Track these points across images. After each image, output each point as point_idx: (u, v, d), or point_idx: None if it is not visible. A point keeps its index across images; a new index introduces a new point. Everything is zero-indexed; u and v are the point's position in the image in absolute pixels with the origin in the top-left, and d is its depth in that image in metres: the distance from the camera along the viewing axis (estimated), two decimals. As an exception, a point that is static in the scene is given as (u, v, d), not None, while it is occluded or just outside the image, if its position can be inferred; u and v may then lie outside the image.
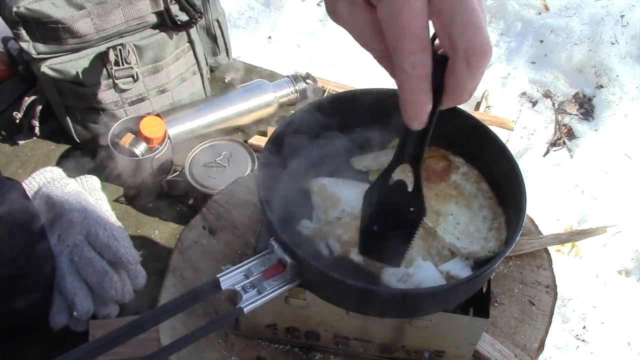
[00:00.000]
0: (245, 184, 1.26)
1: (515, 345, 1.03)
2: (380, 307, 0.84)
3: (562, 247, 1.83)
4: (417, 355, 0.98)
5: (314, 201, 0.98)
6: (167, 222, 1.79)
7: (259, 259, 0.79)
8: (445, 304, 0.88)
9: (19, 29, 1.64)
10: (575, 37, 2.35)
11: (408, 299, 0.83)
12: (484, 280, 0.92)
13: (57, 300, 1.42)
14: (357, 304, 0.83)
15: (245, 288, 0.75)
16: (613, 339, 1.65)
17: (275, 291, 0.77)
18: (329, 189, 0.98)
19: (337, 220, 0.93)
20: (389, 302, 0.82)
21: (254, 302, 0.74)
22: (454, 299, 0.90)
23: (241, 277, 0.77)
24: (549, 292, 1.11)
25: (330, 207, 0.95)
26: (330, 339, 0.98)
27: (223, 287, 0.74)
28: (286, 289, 0.79)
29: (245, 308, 0.73)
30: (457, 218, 0.96)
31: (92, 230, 1.44)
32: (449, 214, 0.96)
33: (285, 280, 0.79)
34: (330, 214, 0.94)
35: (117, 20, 1.68)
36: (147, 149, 1.76)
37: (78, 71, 1.70)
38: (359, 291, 0.79)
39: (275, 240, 0.80)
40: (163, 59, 1.80)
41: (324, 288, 0.83)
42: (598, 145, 2.12)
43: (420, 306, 0.86)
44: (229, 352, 1.00)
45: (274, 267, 0.79)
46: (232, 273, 0.76)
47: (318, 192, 0.98)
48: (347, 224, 0.92)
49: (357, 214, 0.90)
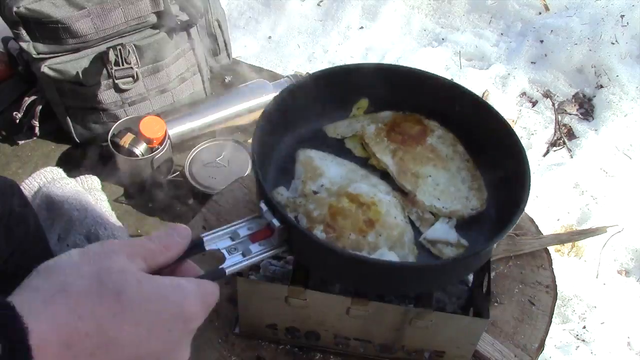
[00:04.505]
0: (245, 184, 1.26)
1: (515, 345, 1.03)
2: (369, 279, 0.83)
3: (562, 247, 1.83)
4: (417, 355, 0.98)
5: (296, 170, 0.98)
6: (167, 222, 1.79)
7: (246, 222, 0.75)
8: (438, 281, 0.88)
9: (19, 29, 1.64)
10: (575, 37, 2.35)
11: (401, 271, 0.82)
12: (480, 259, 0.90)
13: (57, 300, 1.42)
14: (343, 273, 0.82)
15: (229, 250, 0.71)
16: (613, 339, 1.65)
17: (261, 255, 0.73)
18: (315, 161, 0.98)
19: (313, 194, 0.93)
20: (379, 273, 0.81)
21: (238, 265, 0.70)
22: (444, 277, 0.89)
23: (226, 239, 0.72)
24: (549, 292, 1.11)
25: (311, 179, 0.95)
26: (330, 339, 0.98)
27: (207, 247, 0.69)
28: (272, 253, 0.75)
29: (228, 269, 0.68)
30: (436, 179, 0.98)
31: (92, 230, 1.44)
32: (428, 176, 0.98)
33: (272, 246, 0.75)
34: (308, 186, 0.95)
35: (117, 20, 1.68)
36: (147, 149, 1.76)
37: (78, 71, 1.70)
38: (347, 260, 0.78)
39: (264, 203, 0.78)
40: (163, 59, 1.80)
41: (311, 255, 0.82)
42: (598, 145, 2.12)
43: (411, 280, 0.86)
44: (229, 352, 1.00)
45: (262, 231, 0.75)
46: (217, 234, 0.71)
47: (303, 162, 0.98)
48: (320, 201, 0.92)
49: (334, 191, 0.92)
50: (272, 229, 0.76)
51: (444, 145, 1.02)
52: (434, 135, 1.03)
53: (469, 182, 0.98)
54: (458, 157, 1.01)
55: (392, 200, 0.95)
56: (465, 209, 0.94)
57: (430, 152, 1.01)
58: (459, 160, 1.00)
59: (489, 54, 2.44)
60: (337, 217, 0.89)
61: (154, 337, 0.51)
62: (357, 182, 0.96)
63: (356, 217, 0.89)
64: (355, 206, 0.90)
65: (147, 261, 0.56)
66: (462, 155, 1.01)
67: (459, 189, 0.97)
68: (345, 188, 0.94)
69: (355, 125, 1.06)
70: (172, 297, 0.53)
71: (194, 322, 0.55)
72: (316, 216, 0.89)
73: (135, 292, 0.50)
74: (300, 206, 0.92)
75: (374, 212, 0.90)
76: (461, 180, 0.98)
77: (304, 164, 0.98)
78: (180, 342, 0.54)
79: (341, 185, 0.95)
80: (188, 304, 0.54)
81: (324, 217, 0.87)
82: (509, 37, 2.51)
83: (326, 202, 0.91)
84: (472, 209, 0.93)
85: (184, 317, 0.53)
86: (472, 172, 0.99)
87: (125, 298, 0.50)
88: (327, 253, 0.79)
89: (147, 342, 0.51)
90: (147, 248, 0.57)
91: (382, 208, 0.91)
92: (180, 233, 0.61)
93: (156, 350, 0.52)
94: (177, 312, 0.53)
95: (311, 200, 0.92)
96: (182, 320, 0.53)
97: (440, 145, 1.02)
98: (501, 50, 2.45)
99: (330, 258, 0.80)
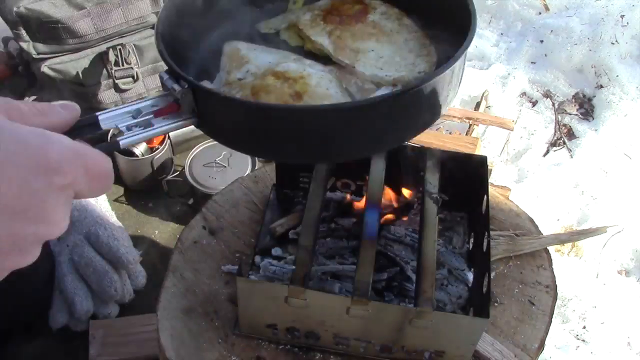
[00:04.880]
0: (245, 184, 1.26)
1: (515, 345, 1.03)
2: (285, 138, 0.72)
3: (562, 247, 1.83)
4: (417, 355, 0.98)
5: (221, 63, 0.91)
6: (167, 222, 1.79)
7: (151, 100, 0.68)
8: (382, 132, 0.74)
9: (19, 29, 1.64)
10: (575, 37, 2.35)
11: (322, 115, 0.70)
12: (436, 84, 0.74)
13: (57, 300, 1.42)
14: (256, 136, 0.72)
15: (130, 128, 0.64)
16: (613, 339, 1.65)
17: (165, 127, 0.66)
18: (242, 51, 0.91)
19: (238, 81, 0.86)
20: (294, 124, 0.71)
21: (135, 136, 0.63)
22: (390, 125, 0.75)
23: (127, 118, 0.65)
24: (549, 292, 1.11)
25: (236, 68, 0.88)
26: (330, 339, 0.98)
27: (102, 126, 0.62)
28: (178, 125, 0.68)
29: (122, 141, 0.62)
30: (380, 52, 0.91)
31: (92, 230, 1.44)
32: (370, 50, 0.91)
33: (179, 118, 0.68)
34: (232, 75, 0.87)
35: (117, 20, 1.68)
36: (147, 149, 1.76)
37: (78, 71, 1.71)
38: (253, 111, 0.70)
39: (165, 71, 0.71)
40: (163, 59, 1.80)
41: (218, 120, 0.73)
42: (598, 145, 2.13)
43: (341, 130, 0.72)
44: (229, 352, 1.00)
45: (168, 106, 0.68)
46: (115, 112, 0.64)
47: (229, 54, 0.91)
48: (245, 85, 0.84)
49: (260, 74, 0.84)
50: (178, 103, 0.68)
51: (389, 20, 0.96)
52: (376, 12, 0.97)
53: (417, 51, 0.90)
54: (405, 30, 0.94)
55: (325, 74, 0.85)
56: (411, 73, 0.85)
57: (372, 28, 0.94)
58: (405, 32, 0.93)
59: (489, 54, 2.44)
60: (260, 94, 0.80)
61: (5, 184, 0.43)
62: (287, 63, 0.88)
63: (280, 91, 0.80)
64: (280, 82, 0.82)
65: (11, 117, 0.48)
66: (410, 28, 0.94)
67: (405, 58, 0.89)
68: (272, 68, 0.85)
69: (290, 17, 0.99)
70: (30, 140, 0.45)
71: (60, 176, 0.45)
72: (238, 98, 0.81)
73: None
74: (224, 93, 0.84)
75: (301, 84, 0.81)
76: (408, 51, 0.91)
77: (230, 55, 0.90)
78: (43, 199, 0.45)
79: (268, 67, 0.87)
80: (51, 150, 0.45)
81: (246, 97, 0.79)
82: (509, 37, 2.51)
83: (249, 84, 0.82)
84: (419, 72, 0.84)
85: (44, 166, 0.44)
86: (421, 41, 0.92)
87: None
88: (231, 108, 0.70)
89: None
90: (14, 105, 0.50)
91: (312, 81, 0.82)
92: (66, 106, 0.55)
93: (9, 202, 0.43)
94: (36, 158, 0.44)
95: (235, 87, 0.84)
96: (44, 169, 0.44)
97: (384, 21, 0.95)
98: (501, 50, 2.45)
99: (236, 116, 0.71)
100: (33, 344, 1.48)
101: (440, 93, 0.75)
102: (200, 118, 0.70)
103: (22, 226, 0.44)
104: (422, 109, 0.76)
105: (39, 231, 0.46)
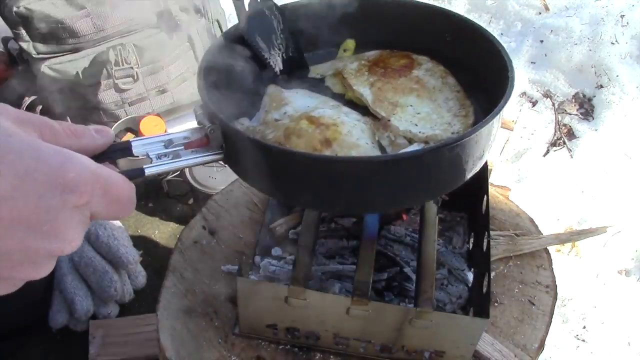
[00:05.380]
0: (245, 184, 1.26)
1: (515, 345, 1.03)
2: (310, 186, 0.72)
3: (562, 247, 1.83)
4: (417, 355, 0.98)
5: (263, 102, 0.92)
6: (167, 222, 1.79)
7: (184, 132, 0.69)
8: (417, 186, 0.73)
9: (19, 29, 1.64)
10: (575, 37, 2.35)
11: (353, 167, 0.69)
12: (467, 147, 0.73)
13: (57, 299, 1.42)
14: (281, 180, 0.73)
15: (159, 156, 0.65)
16: (613, 339, 1.65)
17: (192, 160, 0.68)
18: (283, 93, 0.93)
19: (274, 121, 0.87)
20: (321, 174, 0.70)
21: (161, 166, 0.65)
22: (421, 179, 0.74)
23: (159, 146, 0.66)
24: (549, 292, 1.11)
25: (275, 108, 0.89)
26: (330, 339, 0.98)
27: (134, 152, 0.64)
28: (206, 159, 0.70)
29: (148, 169, 0.63)
30: (418, 108, 0.90)
31: (92, 230, 1.44)
32: (409, 106, 0.90)
33: (207, 152, 0.70)
34: (270, 115, 0.88)
35: (117, 20, 1.68)
36: (147, 149, 1.76)
37: (78, 71, 1.71)
38: (277, 156, 0.71)
39: (200, 106, 0.74)
40: (163, 59, 1.80)
41: (243, 159, 0.74)
42: (598, 145, 2.12)
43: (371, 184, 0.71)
44: (229, 352, 1.00)
45: (198, 140, 0.69)
46: (147, 140, 0.65)
47: (271, 94, 0.93)
48: (279, 126, 0.85)
49: (296, 117, 0.85)
50: (208, 137, 0.70)
51: (432, 77, 0.95)
52: (421, 68, 0.96)
53: (456, 110, 0.89)
54: (447, 88, 0.93)
55: (359, 124, 0.85)
56: (445, 132, 0.83)
57: (415, 83, 0.93)
58: (447, 91, 0.93)
59: (489, 54, 2.43)
60: (291, 137, 0.80)
61: (21, 197, 0.44)
62: (324, 109, 0.88)
63: (311, 136, 0.80)
64: (313, 127, 0.81)
65: (43, 136, 0.49)
66: (453, 87, 0.93)
67: (442, 116, 0.88)
68: (308, 113, 0.85)
69: (337, 64, 1.00)
70: (50, 159, 0.46)
71: (75, 196, 0.46)
72: (270, 138, 0.82)
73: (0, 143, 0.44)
74: (257, 133, 0.85)
75: (333, 131, 0.81)
76: (447, 109, 0.90)
77: (271, 95, 0.92)
78: (57, 216, 0.46)
79: (305, 111, 0.86)
80: (70, 170, 0.46)
81: (278, 138, 0.80)
82: (509, 37, 2.51)
83: (284, 126, 0.83)
84: (453, 132, 0.82)
85: (62, 185, 0.46)
86: (461, 101, 0.91)
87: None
88: (256, 150, 0.71)
89: (12, 200, 0.44)
90: (48, 124, 0.50)
91: (343, 129, 0.82)
92: (100, 131, 0.56)
93: (24, 215, 0.45)
94: (54, 176, 0.45)
95: (270, 127, 0.85)
96: (60, 188, 0.45)
97: (427, 77, 0.94)
98: (501, 50, 2.45)
99: (257, 157, 0.72)
100: (33, 344, 1.48)
101: (469, 154, 0.75)
102: (227, 155, 0.72)
103: (34, 240, 0.46)
104: (449, 169, 0.75)
105: (51, 247, 0.47)
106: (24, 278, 0.48)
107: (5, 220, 0.44)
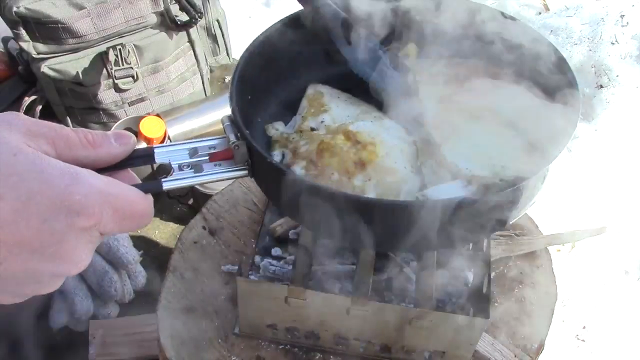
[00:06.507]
0: (245, 184, 1.26)
1: (515, 345, 1.03)
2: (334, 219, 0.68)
3: (562, 247, 1.83)
4: (417, 355, 0.98)
5: (301, 105, 0.87)
6: (167, 222, 1.79)
7: (209, 141, 0.66)
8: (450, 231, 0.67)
9: (19, 29, 1.64)
10: (575, 37, 2.35)
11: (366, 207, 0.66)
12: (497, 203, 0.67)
13: (57, 300, 1.42)
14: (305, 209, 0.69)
15: (182, 166, 0.63)
16: (613, 339, 1.65)
17: (214, 175, 0.65)
18: (324, 97, 0.86)
19: (310, 131, 0.82)
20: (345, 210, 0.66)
21: (181, 180, 0.62)
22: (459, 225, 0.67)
23: (183, 154, 0.64)
24: (549, 292, 1.11)
25: (313, 115, 0.84)
26: (330, 339, 0.98)
27: (157, 159, 0.62)
28: (229, 175, 0.67)
29: (165, 182, 0.61)
30: (478, 140, 0.77)
31: (92, 230, 1.44)
32: (468, 136, 0.78)
33: (231, 167, 0.67)
34: (307, 122, 0.83)
35: (117, 20, 1.68)
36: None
37: (78, 71, 1.71)
38: (303, 188, 0.67)
39: (227, 116, 0.71)
40: (163, 59, 1.80)
41: (268, 182, 0.72)
42: (598, 145, 2.12)
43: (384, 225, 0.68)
44: (229, 352, 1.00)
45: (223, 151, 0.66)
46: (172, 147, 0.63)
47: (310, 97, 0.87)
48: (314, 137, 0.79)
49: (333, 129, 0.80)
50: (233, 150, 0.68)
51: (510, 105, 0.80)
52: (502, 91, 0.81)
53: (517, 155, 0.78)
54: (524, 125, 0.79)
55: (399, 144, 0.77)
56: (494, 177, 0.73)
57: (488, 110, 0.79)
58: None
59: (489, 54, 2.43)
60: (324, 153, 0.76)
61: (23, 221, 0.43)
62: (364, 121, 0.81)
63: (346, 155, 0.75)
64: (349, 144, 0.77)
65: (57, 148, 0.48)
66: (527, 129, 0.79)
67: (500, 157, 0.76)
68: (346, 126, 0.79)
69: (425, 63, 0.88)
70: (56, 180, 0.44)
71: (82, 218, 0.45)
72: (302, 152, 0.78)
73: (3, 163, 0.43)
74: (291, 142, 0.80)
75: (369, 152, 0.76)
76: (511, 149, 0.77)
77: (311, 99, 0.86)
78: (61, 240, 0.45)
79: (344, 123, 0.81)
80: (76, 192, 0.44)
81: (310, 153, 0.76)
82: (509, 37, 2.51)
83: (318, 139, 0.78)
84: (501, 179, 0.72)
85: (67, 208, 0.44)
86: (527, 147, 0.79)
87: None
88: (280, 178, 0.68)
89: (14, 225, 0.43)
90: (62, 135, 0.48)
91: (382, 150, 0.76)
92: (121, 137, 0.53)
93: (27, 239, 0.44)
94: (57, 199, 0.44)
95: (305, 137, 0.80)
96: (65, 211, 0.44)
97: (505, 104, 0.80)
98: (501, 50, 2.45)
99: (286, 186, 0.69)
100: (33, 344, 1.47)
101: (502, 210, 0.69)
102: (253, 171, 0.70)
103: (38, 263, 0.45)
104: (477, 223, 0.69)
105: (56, 269, 0.46)
106: (31, 294, 0.48)
107: (7, 244, 0.43)
